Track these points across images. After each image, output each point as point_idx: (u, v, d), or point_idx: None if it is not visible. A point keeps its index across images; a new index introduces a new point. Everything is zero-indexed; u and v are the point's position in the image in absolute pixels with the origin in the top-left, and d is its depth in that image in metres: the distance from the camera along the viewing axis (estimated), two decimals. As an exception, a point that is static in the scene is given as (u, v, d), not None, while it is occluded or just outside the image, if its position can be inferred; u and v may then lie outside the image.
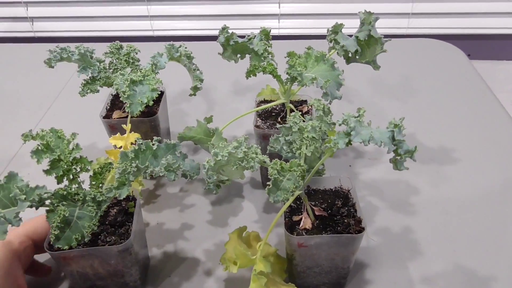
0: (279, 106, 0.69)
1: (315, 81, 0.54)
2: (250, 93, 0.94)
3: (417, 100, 0.91)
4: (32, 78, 1.05)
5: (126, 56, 0.67)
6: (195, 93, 0.69)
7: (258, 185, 0.71)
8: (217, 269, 0.59)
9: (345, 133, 0.42)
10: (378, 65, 0.64)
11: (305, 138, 0.48)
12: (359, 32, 0.62)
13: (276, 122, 0.65)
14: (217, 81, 0.98)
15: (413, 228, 0.63)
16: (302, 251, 0.49)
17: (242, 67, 0.69)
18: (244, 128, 0.81)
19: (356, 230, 0.48)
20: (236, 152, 0.46)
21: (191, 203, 0.69)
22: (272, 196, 0.43)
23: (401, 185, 0.71)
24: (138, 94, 0.59)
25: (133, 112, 0.58)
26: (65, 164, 0.50)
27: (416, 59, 1.05)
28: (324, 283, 0.54)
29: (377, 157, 0.77)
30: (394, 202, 0.68)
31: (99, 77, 0.64)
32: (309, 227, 0.49)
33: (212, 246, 0.62)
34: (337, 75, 0.56)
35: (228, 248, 0.51)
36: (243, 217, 0.66)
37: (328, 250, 0.49)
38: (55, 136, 0.51)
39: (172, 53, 0.65)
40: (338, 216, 0.51)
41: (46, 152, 0.49)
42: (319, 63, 0.57)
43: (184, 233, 0.64)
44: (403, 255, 0.60)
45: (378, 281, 0.57)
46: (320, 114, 0.48)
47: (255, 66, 0.60)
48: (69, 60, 0.63)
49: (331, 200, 0.53)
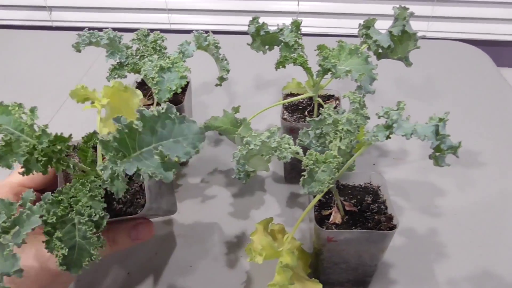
0: (306, 100, 0.68)
1: (350, 74, 0.53)
2: (271, 88, 0.93)
3: (442, 102, 0.89)
4: (52, 65, 1.05)
5: (153, 44, 0.67)
6: (221, 83, 0.68)
7: (281, 179, 0.70)
8: (239, 261, 0.58)
9: (385, 126, 0.41)
10: (411, 61, 0.63)
11: (339, 130, 0.47)
12: (392, 27, 0.61)
13: (303, 115, 0.64)
14: (238, 75, 0.97)
15: (439, 231, 0.62)
16: (331, 246, 0.48)
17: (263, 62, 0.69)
18: (266, 122, 0.80)
19: (387, 227, 0.47)
20: (270, 141, 0.45)
21: (213, 194, 0.68)
22: (307, 187, 0.42)
23: (426, 187, 0.70)
24: (166, 81, 0.58)
25: (161, 99, 0.58)
26: (41, 155, 0.38)
27: (441, 61, 1.04)
28: (349, 280, 0.53)
29: (401, 157, 0.75)
30: (419, 203, 0.67)
31: (126, 63, 0.63)
32: (339, 222, 0.48)
33: (233, 238, 0.61)
34: (370, 69, 0.55)
35: (254, 239, 0.50)
36: (265, 210, 0.65)
37: (357, 247, 0.48)
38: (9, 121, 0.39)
39: (201, 42, 0.64)
40: (368, 213, 0.50)
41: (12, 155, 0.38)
42: (353, 56, 0.56)
43: (205, 223, 0.63)
44: (429, 257, 0.59)
45: (402, 281, 0.56)
46: (356, 107, 0.47)
47: (285, 57, 0.59)
48: (98, 45, 0.63)
49: (361, 196, 0.52)
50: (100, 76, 0.65)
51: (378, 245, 0.47)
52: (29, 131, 0.38)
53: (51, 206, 0.37)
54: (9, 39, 1.16)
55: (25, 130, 0.38)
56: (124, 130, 0.35)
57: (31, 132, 0.38)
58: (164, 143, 0.35)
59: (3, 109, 0.39)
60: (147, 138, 0.36)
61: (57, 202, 0.38)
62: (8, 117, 0.38)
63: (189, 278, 0.56)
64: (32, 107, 0.39)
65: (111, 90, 0.49)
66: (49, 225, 0.37)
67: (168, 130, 0.35)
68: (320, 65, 0.56)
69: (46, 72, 1.02)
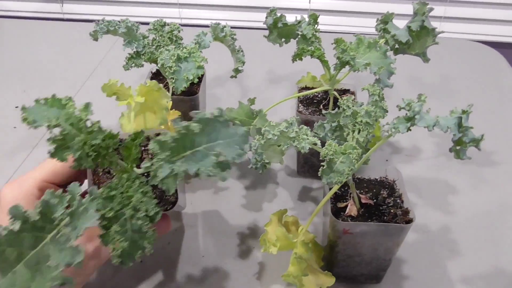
0: (321, 94, 0.67)
1: (369, 67, 0.52)
2: (284, 82, 0.93)
3: (456, 101, 0.89)
4: (65, 56, 1.05)
5: (169, 34, 0.67)
6: (236, 75, 0.68)
7: (293, 173, 0.70)
8: (251, 252, 0.58)
9: (406, 118, 0.41)
10: (428, 57, 0.63)
11: (358, 123, 0.47)
12: (411, 22, 0.60)
13: (318, 109, 0.64)
14: (250, 69, 0.97)
15: (452, 228, 0.62)
16: (346, 238, 0.47)
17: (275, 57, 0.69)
18: (278, 116, 0.80)
19: (403, 220, 0.47)
20: (288, 132, 0.45)
21: (225, 186, 0.68)
22: (325, 178, 0.41)
23: (439, 184, 0.69)
24: (183, 70, 0.58)
25: (178, 88, 0.58)
26: (91, 151, 0.39)
27: (455, 60, 1.03)
28: (362, 274, 0.53)
29: (414, 154, 0.75)
30: (432, 200, 0.66)
31: (143, 52, 0.63)
32: (355, 215, 0.48)
33: (246, 230, 0.61)
34: (389, 63, 0.55)
35: (269, 230, 0.50)
36: (277, 203, 0.65)
37: (373, 239, 0.47)
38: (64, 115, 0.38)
39: (217, 33, 0.64)
40: (384, 206, 0.50)
41: (66, 149, 0.38)
42: (371, 50, 0.56)
43: (218, 215, 0.63)
44: (442, 253, 0.58)
45: (415, 277, 0.55)
46: (376, 99, 0.47)
47: (303, 49, 0.59)
48: (115, 33, 0.63)
49: (376, 190, 0.52)
50: (113, 67, 0.66)
51: (394, 238, 0.47)
52: (82, 126, 0.38)
53: (106, 200, 0.39)
54: (23, 30, 1.16)
55: (79, 124, 0.38)
56: (182, 132, 0.36)
57: (83, 127, 0.38)
58: (215, 144, 0.37)
59: (56, 102, 0.39)
60: (198, 139, 0.37)
61: (110, 198, 0.39)
62: (60, 111, 0.39)
63: (201, 268, 0.56)
64: (86, 103, 0.40)
65: (145, 89, 0.51)
66: (106, 219, 0.38)
67: (217, 132, 0.37)
68: (338, 58, 0.56)
69: (59, 62, 1.02)
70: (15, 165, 0.72)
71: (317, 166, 0.67)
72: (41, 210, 0.34)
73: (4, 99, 0.87)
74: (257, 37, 0.64)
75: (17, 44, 1.09)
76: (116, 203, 0.39)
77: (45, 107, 0.38)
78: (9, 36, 1.13)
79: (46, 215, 0.34)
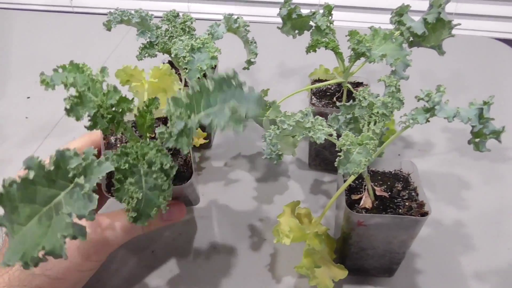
0: (334, 86, 0.67)
1: (385, 58, 0.52)
2: (295, 76, 0.93)
3: (469, 97, 0.86)
4: (77, 48, 1.05)
5: (182, 25, 0.66)
6: (249, 67, 0.67)
7: (304, 166, 0.70)
8: (263, 244, 0.58)
9: (424, 109, 0.41)
10: (444, 50, 0.62)
11: (374, 114, 0.47)
12: (427, 14, 0.60)
13: (331, 101, 0.64)
14: (260, 62, 0.96)
15: (465, 223, 0.61)
16: (360, 230, 0.47)
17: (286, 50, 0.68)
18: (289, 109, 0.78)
19: (419, 213, 0.47)
20: (304, 122, 0.44)
21: (236, 178, 0.68)
22: (342, 168, 0.41)
23: (452, 179, 0.69)
24: (197, 60, 0.58)
25: (191, 78, 0.57)
26: (106, 112, 0.40)
27: (468, 56, 1.02)
28: (375, 267, 0.52)
29: (426, 148, 0.74)
30: (445, 195, 0.66)
31: (157, 42, 0.63)
32: (369, 207, 0.48)
33: (257, 222, 0.61)
34: (404, 55, 0.54)
35: (282, 221, 0.50)
36: (288, 196, 0.65)
37: (387, 232, 0.47)
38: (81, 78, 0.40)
39: (231, 24, 0.64)
40: (399, 199, 0.49)
41: (83, 106, 0.39)
42: (387, 41, 0.55)
43: (229, 206, 0.63)
44: (455, 248, 0.58)
45: (428, 271, 0.55)
46: (392, 91, 0.46)
47: (317, 40, 0.59)
48: (128, 23, 0.63)
49: (391, 183, 0.52)
50: (124, 59, 0.65)
51: (408, 231, 0.47)
52: (98, 87, 0.40)
53: (120, 156, 0.39)
54: (34, 22, 1.17)
55: (95, 87, 0.39)
56: (196, 88, 0.36)
57: (99, 88, 0.40)
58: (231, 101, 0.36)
59: (74, 67, 0.41)
60: (213, 98, 0.37)
61: (124, 153, 0.39)
62: (77, 74, 0.40)
63: (212, 260, 0.56)
64: (102, 67, 0.41)
65: (159, 72, 0.51)
66: (120, 171, 0.38)
67: (231, 93, 0.37)
68: (353, 49, 0.56)
69: (70, 53, 1.03)
70: (27, 155, 0.72)
71: (328, 159, 0.67)
72: (56, 161, 0.33)
73: (16, 90, 0.88)
74: (266, 31, 0.63)
75: (29, 36, 1.10)
76: (131, 158, 0.39)
77: (63, 73, 0.40)
78: (21, 28, 1.13)
79: (61, 167, 0.34)
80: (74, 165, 0.33)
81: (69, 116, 0.39)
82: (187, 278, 0.54)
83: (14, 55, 1.01)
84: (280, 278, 0.54)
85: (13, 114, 0.81)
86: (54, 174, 0.33)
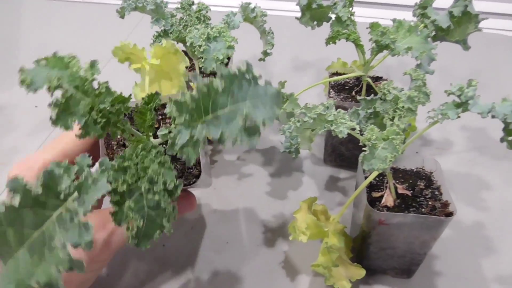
0: (353, 80, 0.65)
1: (410, 51, 0.50)
2: (309, 69, 0.90)
3: (488, 95, 0.85)
4: (88, 36, 1.04)
5: (198, 13, 0.65)
6: (264, 58, 0.65)
7: (319, 161, 0.68)
8: (277, 241, 0.56)
9: (455, 104, 0.38)
10: (469, 45, 0.60)
11: (399, 108, 0.45)
12: (453, 7, 0.57)
13: (349, 95, 0.62)
14: (275, 55, 0.95)
15: (486, 225, 0.59)
16: (381, 229, 0.45)
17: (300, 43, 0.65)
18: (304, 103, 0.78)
19: (443, 213, 0.45)
20: (326, 114, 0.42)
21: (249, 172, 0.66)
22: (367, 164, 0.39)
23: (471, 179, 0.66)
24: (213, 50, 0.56)
25: (207, 68, 0.55)
26: (99, 116, 0.34)
27: (486, 53, 0.99)
28: (394, 268, 0.50)
29: (445, 147, 0.72)
30: (465, 195, 0.63)
31: (171, 31, 0.61)
32: (391, 205, 0.46)
33: (271, 218, 0.59)
34: (430, 48, 0.52)
35: (298, 217, 0.48)
36: (303, 192, 0.63)
37: (409, 232, 0.45)
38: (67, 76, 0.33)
39: (248, 13, 0.62)
40: (421, 198, 0.47)
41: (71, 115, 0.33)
42: (412, 34, 0.53)
43: (242, 201, 0.62)
44: (476, 251, 0.56)
45: (448, 274, 0.53)
46: (419, 84, 0.44)
47: (338, 32, 0.57)
48: (143, 10, 0.61)
49: (413, 181, 0.50)
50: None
51: (431, 232, 0.45)
52: (88, 87, 0.33)
53: (117, 173, 0.34)
54: (44, 10, 1.15)
55: (84, 86, 0.33)
56: (203, 90, 0.31)
57: (89, 88, 0.33)
58: (241, 104, 0.32)
59: (58, 61, 0.33)
60: (222, 99, 0.32)
61: (123, 169, 0.34)
62: (63, 71, 0.33)
63: (225, 255, 0.54)
64: (92, 61, 0.34)
65: (162, 51, 0.46)
66: (118, 194, 0.33)
67: (243, 92, 0.32)
68: (375, 41, 0.53)
69: (81, 42, 1.01)
70: (36, 145, 0.71)
71: (345, 155, 0.65)
72: (44, 182, 0.29)
73: (25, 78, 0.86)
74: (280, 24, 0.61)
75: (39, 24, 1.08)
76: (129, 176, 0.34)
77: (46, 69, 0.33)
78: (31, 16, 1.12)
79: (51, 188, 0.30)
80: (65, 185, 0.30)
81: (56, 126, 0.32)
82: (199, 273, 0.52)
83: (24, 44, 0.99)
84: (294, 276, 0.52)
85: (23, 103, 0.80)
86: (44, 196, 0.29)
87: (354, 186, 0.63)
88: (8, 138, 0.73)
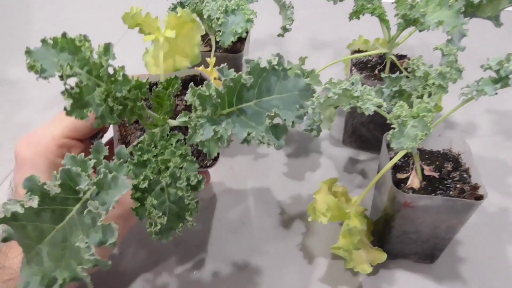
0: (375, 58, 0.62)
1: (441, 26, 0.47)
2: (327, 48, 0.87)
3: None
4: (100, 12, 1.02)
5: (215, -14, 0.62)
6: (283, 33, 0.63)
7: (338, 142, 0.66)
8: (293, 222, 0.54)
9: (492, 79, 0.36)
10: (501, 21, 0.56)
11: (429, 85, 0.42)
12: (487, -20, 0.54)
13: (372, 74, 0.59)
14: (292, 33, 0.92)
15: (512, 210, 0.57)
16: (406, 212, 0.43)
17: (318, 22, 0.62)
18: (322, 83, 0.75)
19: (473, 196, 0.42)
20: (352, 90, 0.40)
21: (265, 152, 0.64)
22: (395, 142, 0.37)
23: (497, 164, 0.64)
24: (231, 23, 0.54)
25: (225, 42, 0.53)
26: (116, 103, 0.32)
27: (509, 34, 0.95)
28: (416, 252, 0.49)
29: (469, 130, 0.69)
30: (490, 180, 0.60)
31: (188, 3, 0.59)
32: (417, 187, 0.44)
33: (288, 199, 0.58)
34: (462, 23, 0.49)
35: (318, 198, 0.46)
36: (321, 173, 0.61)
37: (436, 215, 0.43)
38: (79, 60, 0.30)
39: (267, -14, 0.59)
40: (449, 180, 0.45)
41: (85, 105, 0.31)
42: (442, 8, 0.50)
43: (258, 181, 0.60)
44: (501, 237, 0.53)
45: (472, 260, 0.51)
46: (452, 60, 0.42)
47: (362, 6, 0.54)
48: (158, -19, 0.59)
49: (439, 163, 0.47)
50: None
51: (459, 216, 0.43)
52: (102, 74, 0.30)
53: (137, 168, 0.32)
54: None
55: (99, 72, 0.30)
56: (229, 84, 0.30)
57: (104, 75, 0.30)
58: (268, 99, 0.30)
59: (68, 43, 0.30)
60: (248, 93, 0.30)
61: (142, 163, 0.33)
62: (73, 56, 0.30)
63: (241, 235, 0.53)
64: (106, 44, 0.31)
65: (177, 20, 0.43)
66: (139, 190, 0.32)
67: (270, 85, 0.30)
68: (403, 16, 0.50)
69: (94, 18, 0.99)
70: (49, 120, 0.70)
71: (365, 136, 0.62)
72: (62, 182, 0.29)
73: (38, 53, 0.85)
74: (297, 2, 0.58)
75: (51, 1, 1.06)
76: (150, 171, 0.33)
77: (54, 52, 0.30)
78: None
79: (69, 187, 0.29)
80: (84, 184, 0.29)
81: (69, 115, 0.31)
82: (213, 253, 0.51)
83: (36, 19, 0.98)
84: (312, 258, 0.51)
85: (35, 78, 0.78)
86: (62, 195, 0.29)
87: (375, 169, 0.61)
88: (21, 113, 0.72)
